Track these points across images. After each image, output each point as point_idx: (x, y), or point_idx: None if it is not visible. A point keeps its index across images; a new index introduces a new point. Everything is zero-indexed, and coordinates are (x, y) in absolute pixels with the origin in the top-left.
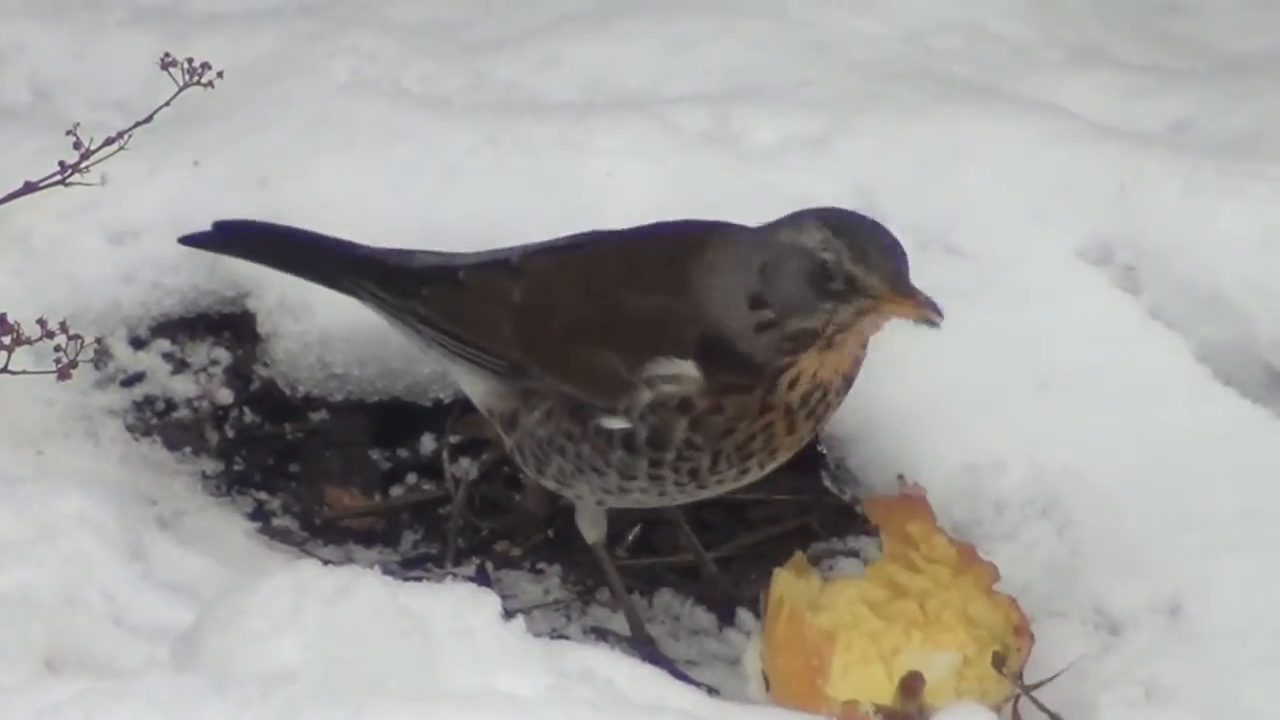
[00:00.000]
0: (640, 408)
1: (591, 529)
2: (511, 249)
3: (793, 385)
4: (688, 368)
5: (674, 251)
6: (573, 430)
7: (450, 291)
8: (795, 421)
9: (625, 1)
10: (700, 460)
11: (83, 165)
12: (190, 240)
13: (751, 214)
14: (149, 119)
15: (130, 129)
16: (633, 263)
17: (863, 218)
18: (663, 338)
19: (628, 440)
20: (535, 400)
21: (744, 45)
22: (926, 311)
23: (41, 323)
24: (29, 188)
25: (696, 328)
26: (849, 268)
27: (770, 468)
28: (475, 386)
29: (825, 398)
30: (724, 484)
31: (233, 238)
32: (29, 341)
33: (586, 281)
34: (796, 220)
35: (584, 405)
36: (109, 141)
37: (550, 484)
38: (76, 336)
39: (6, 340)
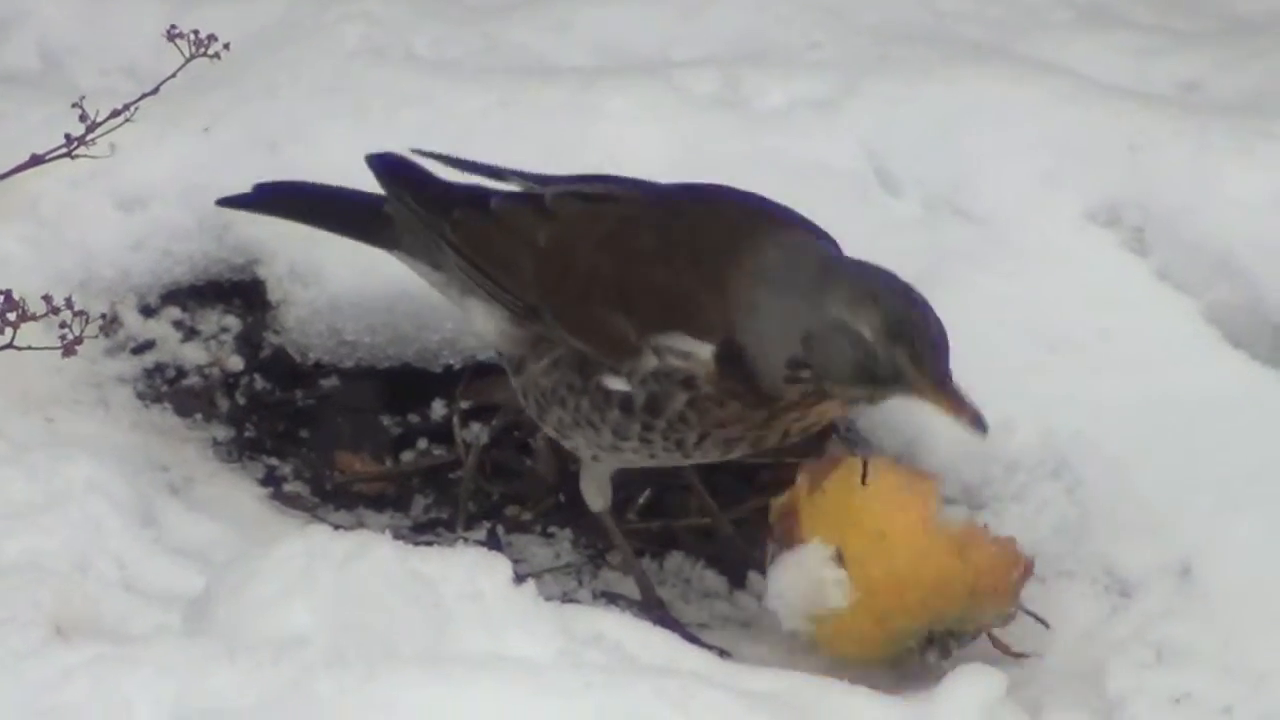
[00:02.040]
0: (643, 373)
1: (597, 497)
2: (546, 182)
3: (798, 420)
4: (704, 351)
5: (713, 244)
6: (575, 383)
7: (480, 219)
8: (789, 436)
9: None
10: (687, 435)
11: (89, 138)
12: (229, 202)
13: (762, 176)
14: (155, 90)
15: (136, 101)
16: (667, 239)
17: (914, 301)
18: (685, 318)
19: (625, 403)
20: (544, 348)
21: (753, 8)
22: (970, 423)
23: (47, 299)
24: (35, 160)
25: (723, 331)
26: (900, 364)
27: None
28: (489, 324)
29: (820, 427)
30: (707, 458)
31: (271, 198)
32: (34, 318)
33: (615, 243)
34: (854, 295)
35: (589, 361)
36: (115, 113)
37: (550, 431)
38: (82, 312)
39: (12, 316)
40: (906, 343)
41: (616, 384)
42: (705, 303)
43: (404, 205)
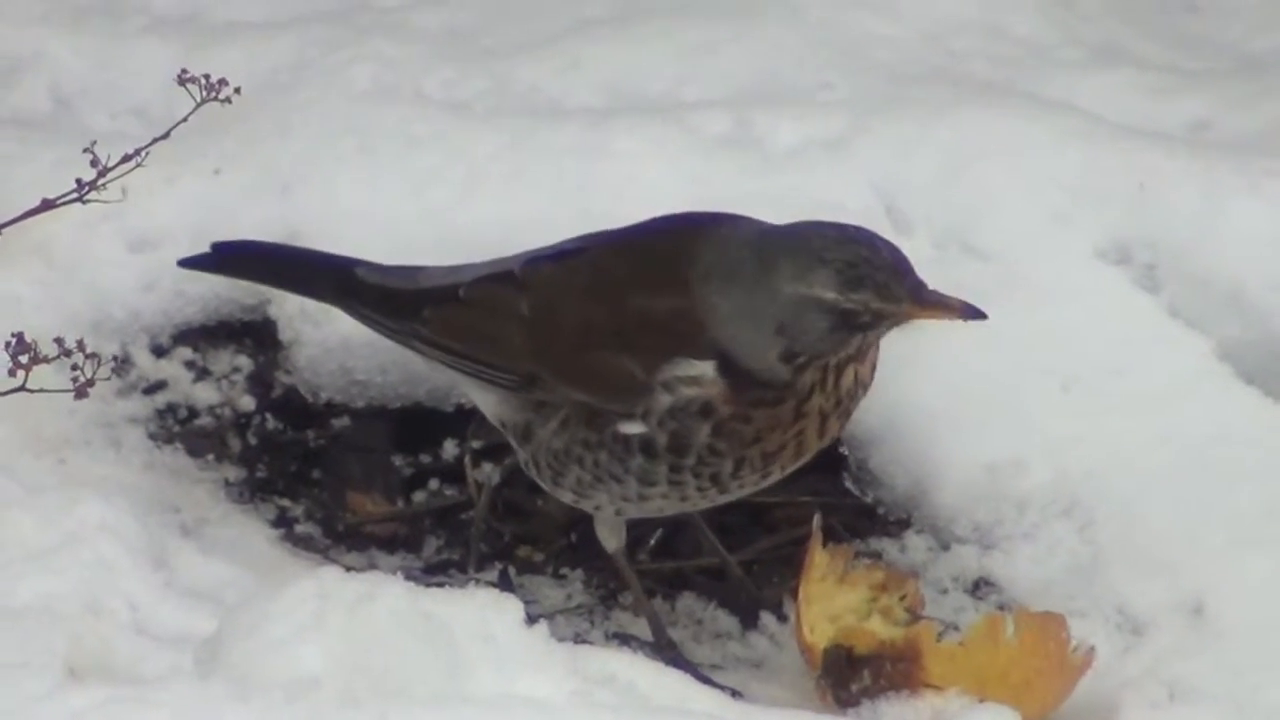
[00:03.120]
0: (659, 412)
1: (611, 538)
2: (512, 258)
3: (824, 394)
4: (707, 369)
5: (670, 246)
6: (589, 438)
7: (452, 310)
8: (827, 424)
9: (644, 5)
10: (722, 465)
11: (100, 183)
12: (189, 263)
13: (773, 216)
14: (166, 135)
15: (148, 146)
16: (634, 263)
17: (855, 240)
18: (678, 339)
19: (646, 446)
20: (549, 411)
21: (763, 48)
22: (966, 315)
23: (59, 341)
24: (47, 205)
25: (709, 334)
26: (876, 307)
27: (793, 469)
28: (486, 400)
29: (856, 394)
30: (745, 488)
31: (231, 258)
32: (46, 360)
33: (592, 285)
34: (800, 266)
35: (600, 412)
36: (127, 158)
37: (567, 496)
38: (94, 355)
39: (24, 359)
40: (869, 285)
41: (634, 428)
42: (688, 312)
43: (367, 320)
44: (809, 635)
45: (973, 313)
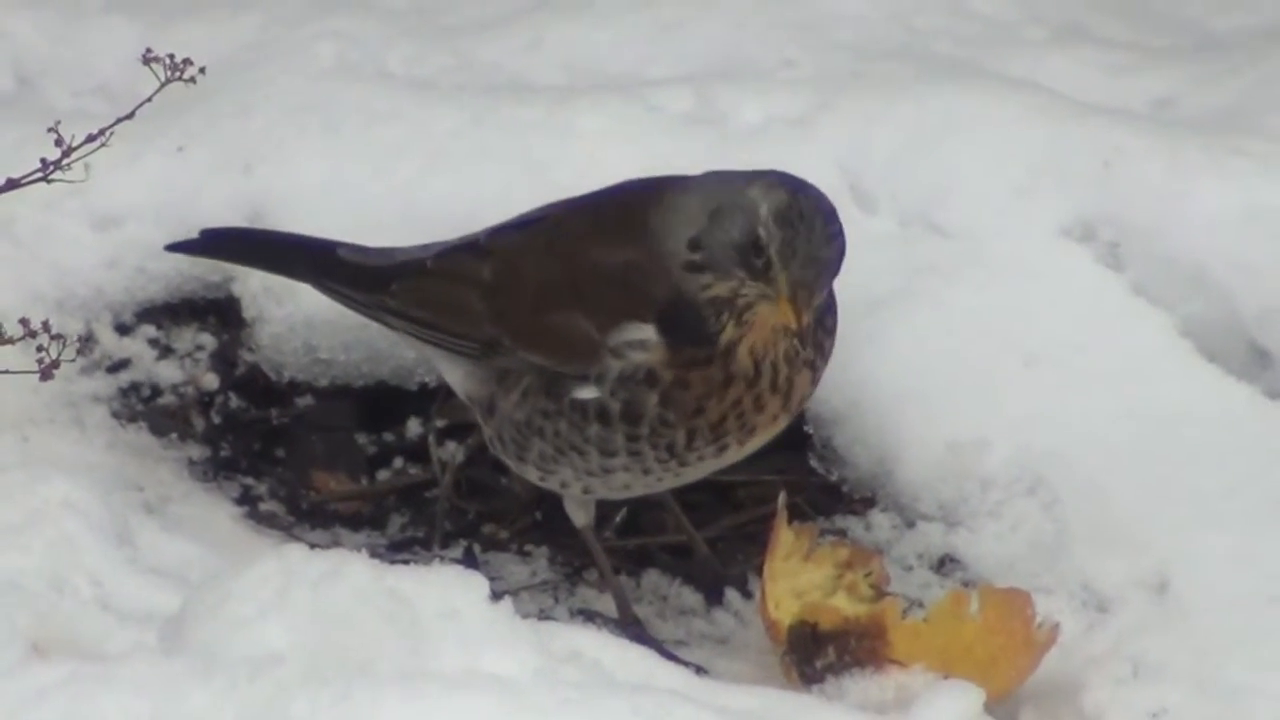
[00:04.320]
0: (610, 380)
1: (580, 512)
2: (480, 231)
3: (745, 351)
4: (649, 332)
5: (634, 199)
6: (548, 408)
7: (418, 280)
8: (762, 398)
9: None
10: (675, 436)
11: (64, 162)
12: (177, 247)
13: None
14: (130, 115)
15: (112, 125)
16: (596, 218)
17: (824, 217)
18: (629, 300)
19: (601, 412)
20: (511, 380)
21: (727, 26)
22: (795, 335)
23: (24, 322)
24: (10, 185)
25: (659, 284)
26: (772, 254)
27: (751, 446)
28: (453, 372)
29: (781, 373)
30: (705, 461)
31: (218, 243)
32: (11, 341)
33: (551, 244)
34: (772, 181)
35: (558, 378)
36: (91, 138)
37: (533, 474)
38: (59, 336)
39: None
40: (790, 243)
41: (588, 392)
42: (643, 266)
43: (340, 297)
44: (774, 611)
45: (801, 342)
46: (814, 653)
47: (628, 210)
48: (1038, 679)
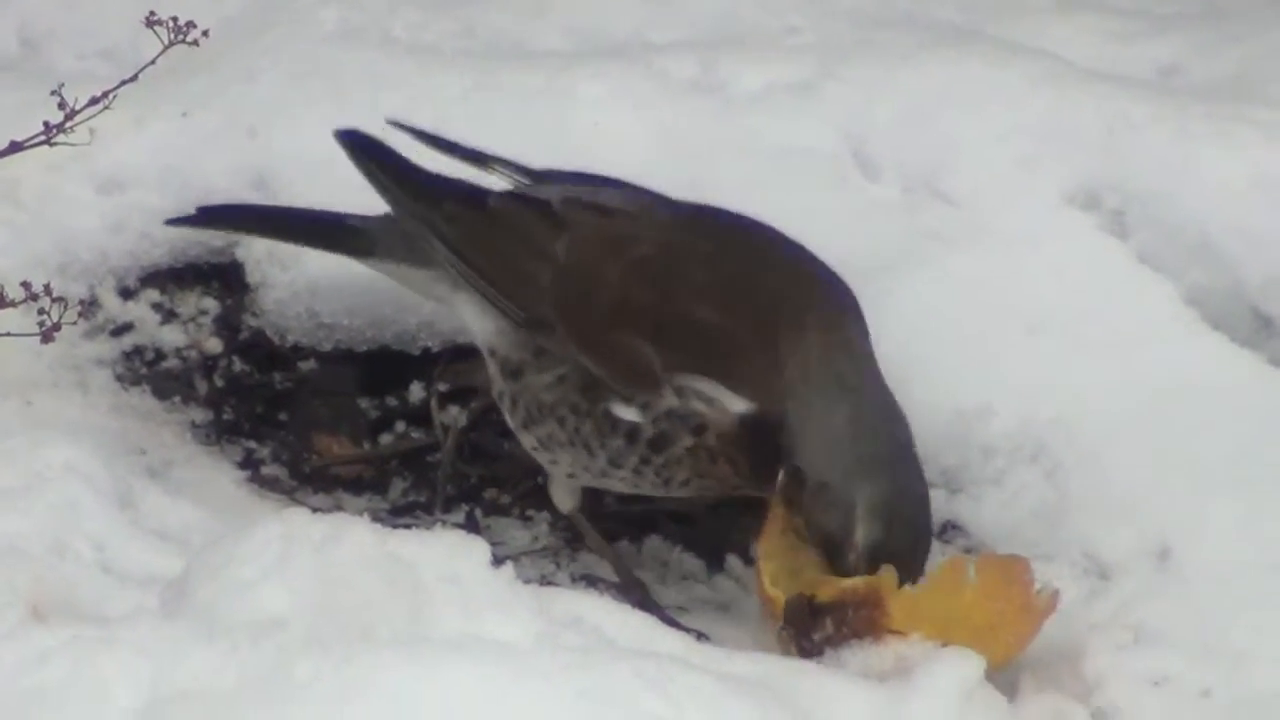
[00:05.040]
0: (658, 410)
1: (567, 499)
2: (534, 175)
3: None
4: (735, 404)
5: (770, 302)
6: (580, 405)
7: (479, 217)
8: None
9: None
10: (675, 474)
11: (68, 125)
12: (177, 221)
13: (740, 161)
14: (134, 78)
15: (115, 89)
16: (719, 279)
17: (920, 532)
18: (725, 368)
19: (632, 433)
20: (548, 361)
21: None
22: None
23: (26, 285)
24: (14, 147)
25: (766, 397)
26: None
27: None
28: (483, 324)
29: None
30: (685, 494)
31: (220, 216)
32: (13, 304)
33: (652, 271)
34: (882, 495)
35: (599, 385)
36: (94, 101)
37: (529, 441)
38: (60, 299)
39: None
40: (889, 550)
41: (627, 413)
42: (753, 360)
43: (386, 191)
44: (769, 588)
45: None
46: (811, 625)
47: (759, 308)
48: (1038, 645)
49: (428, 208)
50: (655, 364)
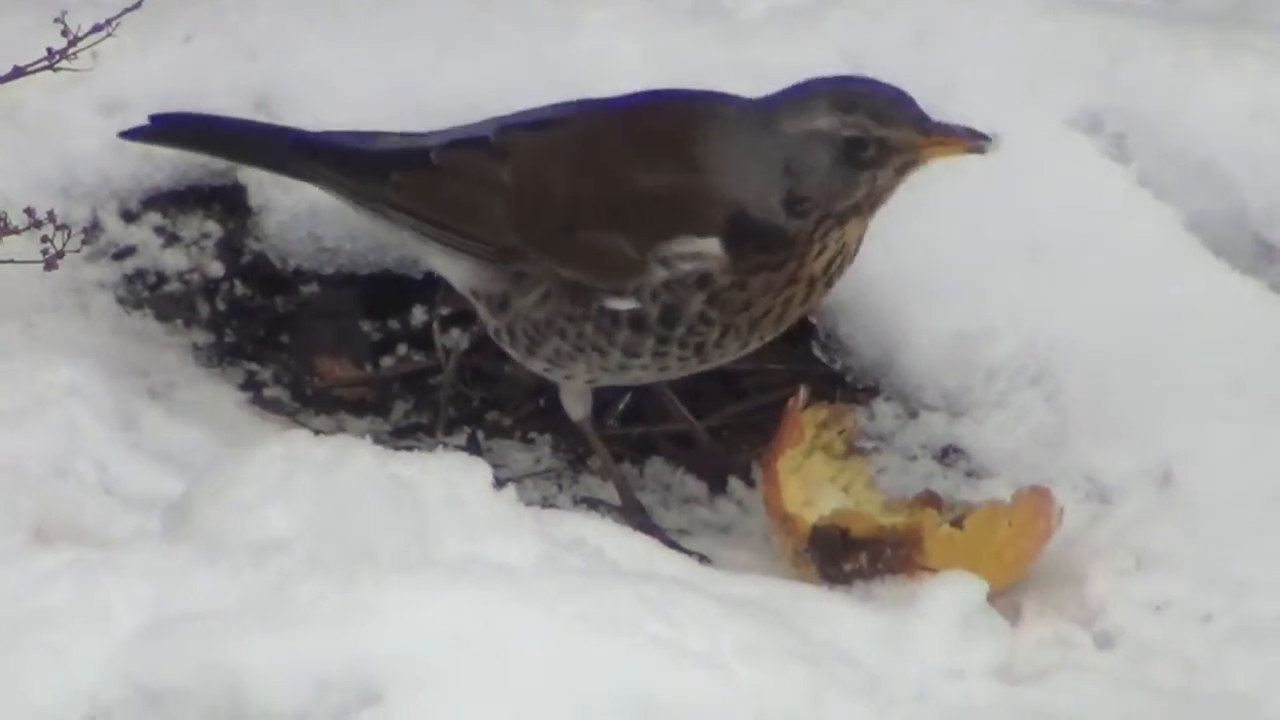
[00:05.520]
0: (653, 286)
1: (577, 406)
2: (481, 124)
3: (820, 253)
4: (711, 245)
5: (672, 125)
6: (574, 312)
7: (424, 174)
8: (814, 290)
9: None
10: (709, 335)
11: (71, 52)
12: (129, 134)
13: (743, 86)
14: (138, 4)
15: (118, 15)
16: (631, 138)
17: (856, 80)
18: (683, 217)
19: (636, 320)
20: (529, 282)
21: None
22: (971, 142)
23: (30, 211)
24: (17, 72)
25: (722, 209)
26: (878, 134)
27: (771, 338)
28: (457, 270)
29: (844, 262)
30: (726, 356)
31: (171, 129)
32: (16, 231)
33: (584, 160)
34: (798, 105)
35: (585, 288)
36: (97, 28)
37: (539, 366)
38: (64, 226)
39: None
40: (864, 109)
41: (623, 304)
42: (695, 188)
43: (327, 182)
44: (789, 505)
45: (978, 139)
46: (842, 556)
47: (668, 137)
48: (1040, 570)
49: (377, 186)
50: (629, 248)
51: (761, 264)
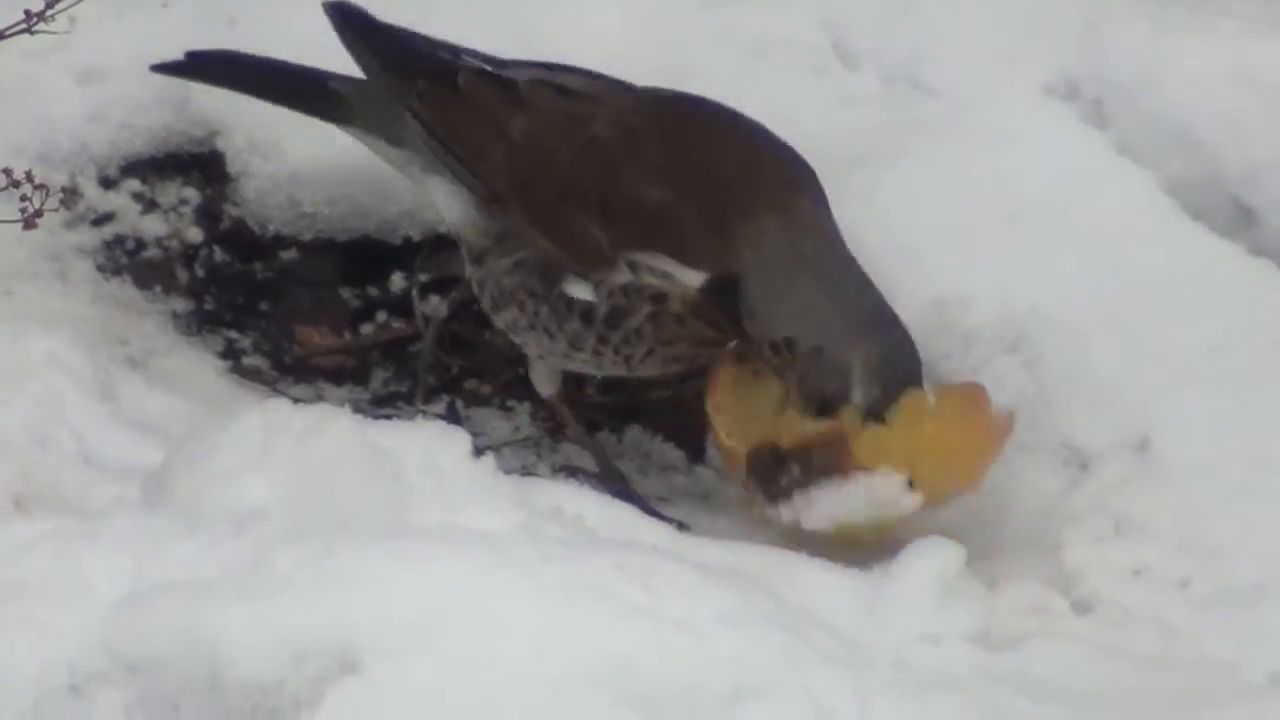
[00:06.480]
0: (611, 285)
1: (547, 383)
2: (524, 66)
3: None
4: (691, 278)
5: (725, 186)
6: (537, 290)
7: (448, 95)
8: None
9: None
10: (637, 349)
11: (48, 14)
12: (163, 68)
13: (720, 51)
14: None
15: None
16: (672, 162)
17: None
18: (674, 244)
19: (586, 314)
20: (509, 244)
21: None
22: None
23: (7, 172)
24: None
25: (721, 267)
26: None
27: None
28: (452, 207)
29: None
30: (650, 372)
31: (205, 64)
32: None
33: (604, 153)
34: (871, 341)
35: (555, 266)
36: None
37: (499, 323)
38: (42, 186)
39: None
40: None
41: (581, 291)
42: (702, 236)
43: (366, 65)
44: (726, 439)
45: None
46: (777, 472)
47: (713, 192)
48: (1018, 535)
49: (403, 83)
50: (604, 242)
51: (715, 329)
